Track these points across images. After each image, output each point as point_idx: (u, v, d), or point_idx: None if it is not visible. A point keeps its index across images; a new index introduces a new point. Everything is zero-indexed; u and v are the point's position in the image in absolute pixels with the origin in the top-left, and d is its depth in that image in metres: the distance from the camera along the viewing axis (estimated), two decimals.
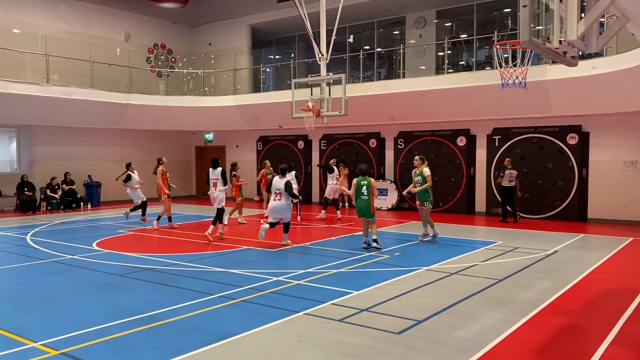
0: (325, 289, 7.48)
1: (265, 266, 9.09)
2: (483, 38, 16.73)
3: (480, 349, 5.21)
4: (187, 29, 23.64)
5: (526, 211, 15.89)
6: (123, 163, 18.15)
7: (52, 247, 11.09)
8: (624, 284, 7.95)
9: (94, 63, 18.42)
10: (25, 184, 18.23)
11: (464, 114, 16.11)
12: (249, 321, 6.05)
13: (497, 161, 16.49)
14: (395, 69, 18.31)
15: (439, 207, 17.48)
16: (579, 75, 12.58)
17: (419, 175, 11.38)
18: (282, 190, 11.15)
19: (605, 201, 15.05)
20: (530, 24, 4.91)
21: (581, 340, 5.63)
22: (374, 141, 18.99)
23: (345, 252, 10.32)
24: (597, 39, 5.79)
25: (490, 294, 7.24)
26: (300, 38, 20.95)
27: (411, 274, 8.48)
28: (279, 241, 11.42)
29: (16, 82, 16.26)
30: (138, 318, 6.18)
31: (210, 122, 21.35)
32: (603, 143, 15.10)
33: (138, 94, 19.33)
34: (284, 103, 16.36)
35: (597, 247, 10.96)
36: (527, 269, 8.80)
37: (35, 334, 5.68)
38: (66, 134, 19.75)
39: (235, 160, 23.09)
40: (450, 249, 10.74)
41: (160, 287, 7.73)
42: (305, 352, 5.19)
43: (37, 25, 18.58)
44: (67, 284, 7.96)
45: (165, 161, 14.23)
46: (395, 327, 5.83)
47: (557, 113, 14.63)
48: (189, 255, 10.20)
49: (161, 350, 5.21)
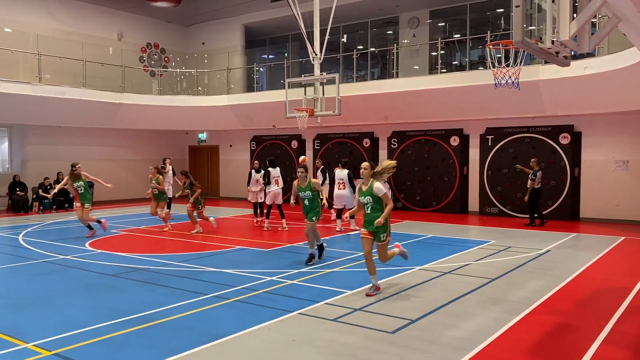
0: (319, 289, 7.49)
1: (259, 266, 9.08)
2: (476, 38, 16.78)
3: (474, 347, 5.23)
4: (181, 28, 23.56)
5: (519, 211, 15.96)
6: (116, 163, 18.20)
7: (44, 247, 11.03)
8: (615, 283, 8.00)
9: (87, 62, 18.31)
10: (17, 184, 18.11)
11: (457, 114, 16.16)
12: (242, 321, 6.05)
13: (490, 161, 16.57)
14: (388, 69, 18.32)
15: (432, 206, 17.54)
16: (571, 76, 12.64)
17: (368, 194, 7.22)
18: (345, 180, 13.14)
19: (597, 200, 15.14)
20: (523, 24, 4.94)
21: (573, 338, 5.66)
22: (367, 141, 19.01)
23: (339, 252, 10.32)
24: (589, 39, 5.82)
25: (484, 293, 7.27)
26: (294, 38, 20.93)
27: (405, 273, 8.50)
28: (276, 241, 11.41)
29: (8, 81, 16.15)
30: (131, 318, 6.16)
31: (203, 122, 21.30)
32: (595, 143, 15.19)
33: (131, 93, 19.25)
34: (277, 103, 16.34)
35: (589, 247, 11.02)
36: (520, 268, 8.84)
37: (28, 334, 5.65)
38: (58, 133, 19.64)
39: (230, 160, 23.18)
40: (444, 249, 10.77)
41: (154, 287, 7.71)
42: (299, 352, 5.19)
43: (30, 24, 18.46)
44: (60, 285, 7.92)
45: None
46: (389, 327, 5.84)
47: (550, 113, 14.71)
48: (182, 255, 10.17)
49: (155, 350, 5.19)
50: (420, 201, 17.85)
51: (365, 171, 7.23)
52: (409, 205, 18.03)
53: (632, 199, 14.64)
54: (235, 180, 22.47)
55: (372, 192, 7.13)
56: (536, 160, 14.06)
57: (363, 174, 7.26)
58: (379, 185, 7.11)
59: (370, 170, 7.25)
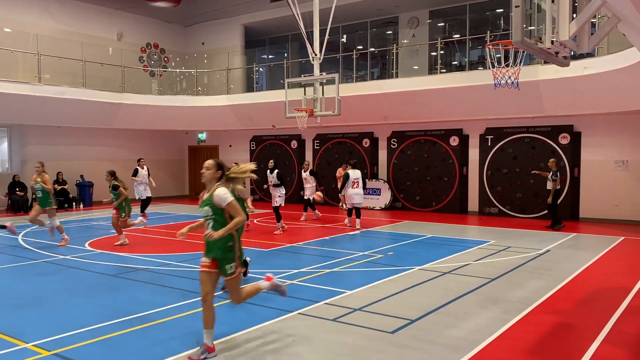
0: (319, 289, 7.49)
1: (258, 266, 9.07)
2: (476, 38, 16.79)
3: (473, 347, 5.23)
4: (180, 29, 23.56)
5: (519, 211, 15.97)
6: (115, 163, 18.18)
7: (44, 247, 11.03)
8: (615, 283, 8.00)
9: (86, 62, 18.31)
10: (16, 184, 18.11)
11: (457, 114, 16.16)
12: (242, 321, 6.04)
13: (489, 161, 16.57)
14: (388, 69, 18.33)
15: (431, 206, 17.54)
16: (570, 76, 12.64)
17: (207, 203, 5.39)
18: (360, 180, 13.65)
19: (596, 200, 15.14)
20: (523, 24, 4.94)
21: (573, 338, 5.66)
22: (367, 141, 19.01)
23: (339, 252, 10.33)
24: (588, 40, 5.83)
25: (483, 293, 7.27)
26: (294, 38, 20.93)
27: (404, 273, 8.50)
28: (274, 241, 11.41)
29: (8, 81, 16.14)
30: (131, 318, 6.16)
31: (203, 122, 21.30)
32: (594, 143, 15.20)
33: (131, 93, 19.24)
34: (277, 103, 16.35)
35: (589, 246, 11.03)
36: (520, 268, 8.84)
37: (28, 334, 5.64)
38: (58, 133, 19.63)
39: (230, 160, 23.16)
40: (443, 249, 10.77)
41: (153, 287, 7.71)
42: (299, 352, 5.19)
43: (29, 24, 18.45)
44: (59, 285, 7.92)
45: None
46: (389, 327, 5.84)
47: (549, 113, 14.71)
48: (181, 255, 10.17)
49: (155, 350, 5.19)
50: (419, 201, 17.86)
51: (208, 172, 5.17)
52: (409, 205, 18.04)
53: (632, 199, 14.64)
54: None
55: (210, 201, 5.05)
56: (555, 161, 13.68)
57: (205, 176, 5.18)
58: (222, 193, 5.01)
59: (215, 170, 5.18)
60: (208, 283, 5.07)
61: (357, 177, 13.82)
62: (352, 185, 13.76)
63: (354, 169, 14.02)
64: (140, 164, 16.68)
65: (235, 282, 5.14)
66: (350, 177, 13.77)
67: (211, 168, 5.16)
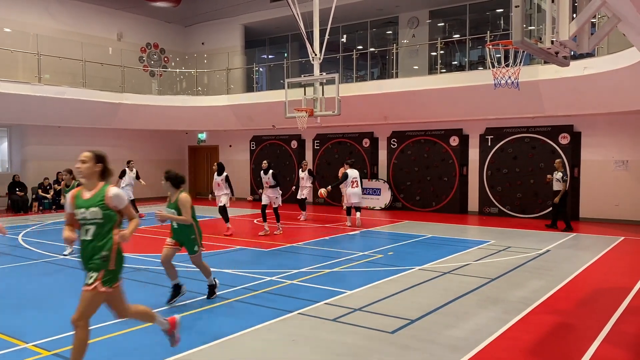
0: (319, 289, 7.49)
1: (258, 266, 9.08)
2: (476, 38, 16.79)
3: (473, 347, 5.23)
4: (180, 29, 23.55)
5: (519, 211, 15.97)
6: (115, 163, 18.17)
7: (44, 247, 11.02)
8: (615, 283, 8.00)
9: (86, 62, 18.31)
10: (16, 184, 18.11)
11: (457, 114, 16.16)
12: (242, 321, 6.04)
13: (489, 161, 16.57)
14: (388, 69, 18.33)
15: (431, 206, 17.54)
16: (570, 76, 12.64)
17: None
18: (358, 179, 13.89)
19: (596, 200, 15.14)
20: (523, 24, 4.94)
21: (573, 338, 5.66)
22: (367, 141, 19.01)
23: (338, 252, 10.33)
24: (588, 40, 5.83)
25: (483, 293, 7.27)
26: (294, 38, 20.93)
27: (404, 273, 8.50)
28: (274, 241, 11.41)
29: (8, 81, 16.13)
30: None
31: (203, 122, 21.30)
32: (594, 143, 15.20)
33: (131, 93, 19.24)
34: (277, 103, 16.35)
35: (589, 246, 11.03)
36: (520, 268, 8.84)
37: (28, 334, 5.64)
38: (58, 133, 19.62)
39: (229, 160, 23.17)
40: (443, 249, 10.77)
41: (153, 287, 7.71)
42: (299, 352, 5.19)
43: (29, 24, 18.44)
44: (59, 285, 7.93)
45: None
46: (389, 327, 5.84)
47: (549, 113, 14.71)
48: (182, 255, 10.13)
49: (155, 350, 5.19)
50: (419, 201, 17.86)
51: (84, 165, 4.31)
52: (409, 205, 18.04)
53: (632, 199, 14.64)
54: (235, 180, 22.43)
55: (101, 201, 4.30)
56: (561, 161, 13.58)
57: (82, 170, 4.33)
58: (116, 192, 4.35)
59: (94, 163, 4.34)
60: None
61: (355, 177, 13.92)
62: (351, 184, 13.84)
63: (352, 169, 14.15)
64: (129, 166, 16.42)
65: (117, 297, 4.60)
66: (349, 177, 13.82)
67: (88, 161, 4.29)
